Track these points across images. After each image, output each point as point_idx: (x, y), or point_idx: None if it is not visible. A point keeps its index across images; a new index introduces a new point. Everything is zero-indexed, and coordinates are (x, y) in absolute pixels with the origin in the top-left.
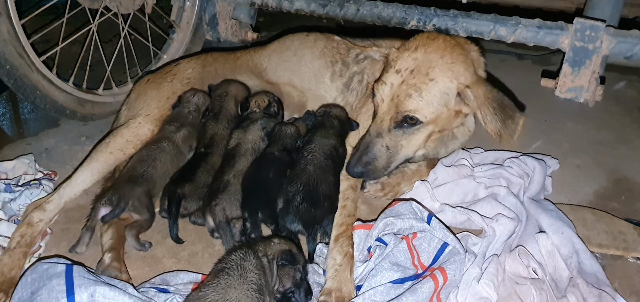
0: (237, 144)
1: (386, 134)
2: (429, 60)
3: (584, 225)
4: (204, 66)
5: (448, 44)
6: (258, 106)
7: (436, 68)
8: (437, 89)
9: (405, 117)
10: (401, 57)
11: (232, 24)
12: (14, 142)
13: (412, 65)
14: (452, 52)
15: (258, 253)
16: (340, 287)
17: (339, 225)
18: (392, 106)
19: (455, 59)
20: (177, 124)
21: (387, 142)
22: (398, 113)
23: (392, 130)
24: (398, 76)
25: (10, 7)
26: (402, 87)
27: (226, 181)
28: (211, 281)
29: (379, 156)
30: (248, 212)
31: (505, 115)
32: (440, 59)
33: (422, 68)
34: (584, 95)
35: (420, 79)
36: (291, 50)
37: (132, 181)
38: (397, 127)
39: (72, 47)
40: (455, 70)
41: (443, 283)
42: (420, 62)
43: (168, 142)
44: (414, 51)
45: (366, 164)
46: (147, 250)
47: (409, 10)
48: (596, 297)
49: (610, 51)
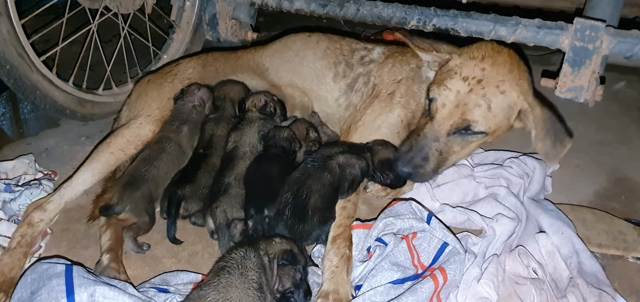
0: (234, 146)
1: (443, 139)
2: (498, 73)
3: (584, 225)
4: (205, 66)
5: (514, 60)
6: (254, 105)
7: (506, 82)
8: (506, 103)
9: (469, 126)
10: (466, 65)
11: (232, 24)
12: (14, 142)
13: (479, 75)
14: (519, 68)
15: (259, 252)
16: (338, 289)
17: (337, 226)
18: (456, 113)
19: (522, 75)
20: (180, 122)
21: (442, 147)
22: (463, 121)
23: (450, 136)
24: (465, 84)
25: (10, 7)
26: (470, 95)
27: (227, 183)
28: (212, 280)
29: (431, 159)
30: (255, 210)
31: (556, 139)
32: (509, 73)
33: (492, 80)
34: (584, 95)
35: (490, 91)
36: (293, 50)
37: (132, 183)
38: (456, 134)
39: (72, 47)
40: (522, 87)
41: (443, 283)
42: (488, 73)
43: (171, 142)
44: (481, 61)
45: (417, 166)
46: (145, 252)
47: (409, 10)
48: (596, 297)
49: (610, 51)
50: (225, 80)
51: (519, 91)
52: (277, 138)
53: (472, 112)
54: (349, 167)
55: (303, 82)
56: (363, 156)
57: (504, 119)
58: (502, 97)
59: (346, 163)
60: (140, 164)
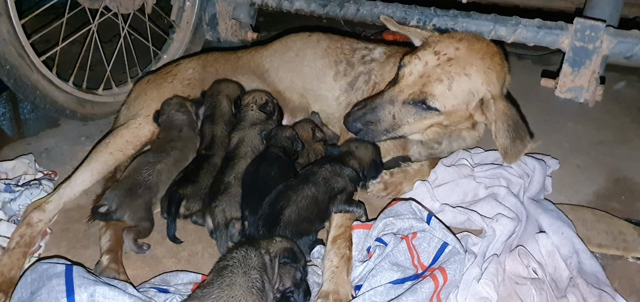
0: (236, 145)
1: (398, 105)
2: (470, 56)
3: (584, 225)
4: (205, 66)
5: (490, 50)
6: (255, 102)
7: (474, 66)
8: (467, 86)
9: (425, 99)
10: (443, 41)
11: (232, 24)
12: (14, 142)
13: (452, 53)
14: (492, 59)
15: (260, 251)
16: (338, 290)
17: (338, 226)
18: (418, 83)
19: (493, 66)
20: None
21: (396, 112)
22: (421, 92)
23: (405, 104)
24: (435, 58)
25: (10, 7)
26: (435, 69)
27: (227, 183)
28: (215, 279)
29: (383, 120)
30: (249, 211)
31: (517, 135)
32: (480, 60)
33: (461, 61)
34: (584, 95)
35: (456, 70)
36: (293, 50)
37: (132, 190)
38: (412, 104)
39: (72, 47)
40: (489, 76)
41: (443, 283)
42: (460, 54)
43: (171, 148)
44: (458, 41)
45: (368, 122)
46: (145, 252)
47: (409, 10)
48: (596, 297)
49: (610, 51)
50: (220, 79)
51: (485, 79)
52: (279, 137)
53: (432, 86)
54: (335, 179)
55: (303, 81)
56: (348, 164)
57: (463, 103)
58: (466, 78)
59: (332, 175)
60: (142, 169)
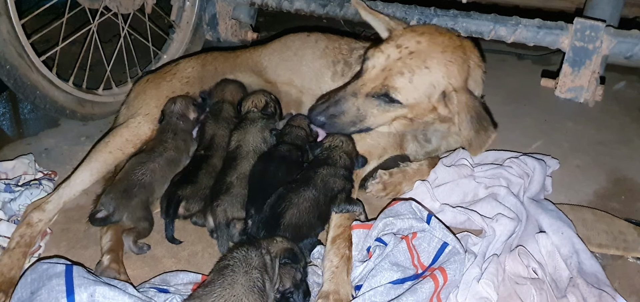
0: (237, 145)
1: (361, 98)
2: (430, 50)
3: (584, 225)
4: (204, 65)
5: (452, 43)
6: (255, 106)
7: (434, 59)
8: (428, 79)
9: (387, 92)
10: (405, 35)
11: (232, 24)
12: (14, 142)
13: (413, 47)
14: (453, 52)
15: (261, 251)
16: (338, 290)
17: (337, 226)
18: (380, 77)
19: (454, 59)
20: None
21: (360, 105)
22: (383, 86)
23: (368, 97)
24: (397, 51)
25: (10, 7)
26: (397, 63)
27: (229, 183)
28: (216, 278)
29: (347, 113)
30: (255, 209)
31: (480, 127)
32: (441, 53)
33: (422, 54)
34: (584, 95)
35: (416, 63)
36: (292, 50)
37: (127, 191)
38: (375, 97)
39: (72, 47)
40: (450, 69)
41: (443, 283)
42: (422, 47)
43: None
44: (420, 35)
45: (332, 116)
46: (146, 253)
47: (409, 10)
48: (596, 297)
49: (610, 51)
50: (225, 79)
51: (446, 72)
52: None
53: (394, 79)
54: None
55: (302, 81)
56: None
57: (424, 96)
58: (426, 72)
59: (329, 177)
60: (136, 169)
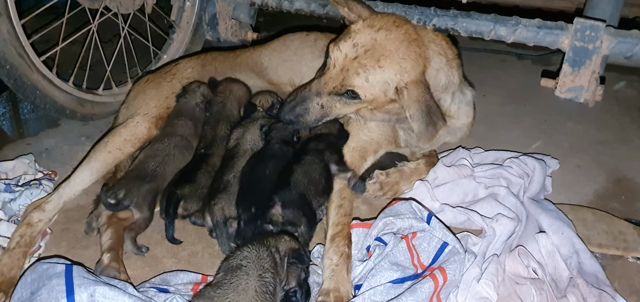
0: (236, 144)
1: (325, 96)
2: (384, 48)
3: (584, 225)
4: (204, 65)
5: (407, 38)
6: (261, 106)
7: (388, 58)
8: (382, 77)
9: (348, 90)
10: (362, 32)
11: (232, 24)
12: (14, 142)
13: (369, 44)
14: (408, 48)
15: (271, 250)
16: (338, 288)
17: (335, 224)
18: (339, 76)
19: (407, 55)
20: (185, 118)
21: (324, 102)
22: (342, 86)
23: (331, 95)
24: (353, 50)
25: (10, 7)
26: (353, 62)
27: (226, 181)
28: (229, 279)
29: (312, 111)
30: (242, 208)
31: (429, 120)
32: (394, 51)
33: (376, 52)
34: (584, 95)
35: (370, 62)
36: (291, 49)
37: (141, 178)
38: (337, 95)
39: (72, 47)
40: (403, 66)
41: (443, 283)
42: (377, 44)
43: (179, 137)
44: (376, 31)
45: (298, 115)
46: (144, 254)
47: (409, 10)
48: (596, 297)
49: (610, 51)
50: (231, 79)
51: (398, 69)
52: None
53: (351, 79)
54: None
55: (301, 80)
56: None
57: (381, 92)
58: (380, 71)
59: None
60: (149, 160)
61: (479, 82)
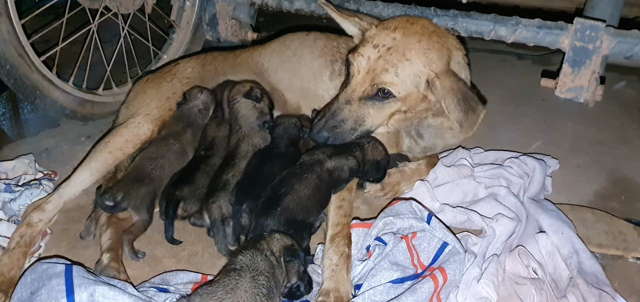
0: (237, 144)
1: (355, 103)
2: (407, 42)
3: (584, 225)
4: (204, 65)
5: (426, 31)
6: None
7: (413, 50)
8: (411, 70)
9: (379, 90)
10: (379, 34)
11: (232, 24)
12: (14, 142)
13: (390, 43)
14: (429, 39)
15: (266, 253)
16: (338, 287)
17: (335, 225)
18: (367, 78)
19: (431, 46)
20: (184, 124)
21: (356, 109)
22: (373, 85)
23: (362, 101)
24: (375, 51)
25: (10, 7)
26: (379, 61)
27: (225, 180)
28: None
29: (346, 120)
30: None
31: (468, 107)
32: (417, 43)
33: (400, 48)
34: (584, 95)
35: (397, 57)
36: (291, 49)
37: (139, 180)
38: (369, 98)
39: (72, 47)
40: (429, 57)
41: (443, 283)
42: (398, 42)
43: (176, 141)
44: (393, 31)
45: (333, 128)
46: (141, 260)
47: (409, 10)
48: (596, 297)
49: (610, 51)
50: (226, 81)
51: (426, 60)
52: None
53: (381, 76)
54: (338, 170)
55: (301, 81)
56: (353, 155)
57: (412, 86)
58: (408, 64)
59: (335, 167)
60: (146, 162)
61: (479, 82)
